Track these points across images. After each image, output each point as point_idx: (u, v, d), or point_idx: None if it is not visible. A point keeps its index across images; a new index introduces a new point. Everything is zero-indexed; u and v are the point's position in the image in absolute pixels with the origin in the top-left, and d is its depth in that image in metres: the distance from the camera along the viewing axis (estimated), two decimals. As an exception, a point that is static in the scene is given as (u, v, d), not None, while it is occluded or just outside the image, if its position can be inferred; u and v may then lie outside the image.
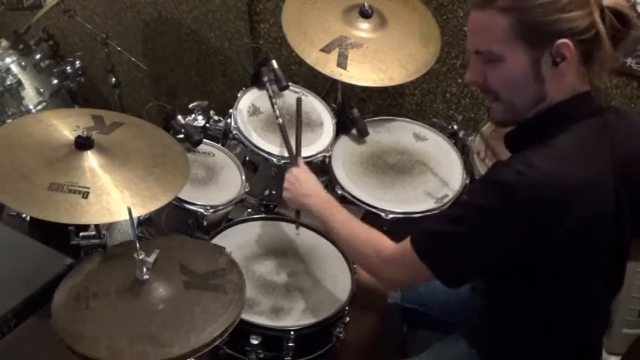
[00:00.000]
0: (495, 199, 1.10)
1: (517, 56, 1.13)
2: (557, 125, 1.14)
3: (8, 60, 2.52)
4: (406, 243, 1.24)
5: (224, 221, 1.89)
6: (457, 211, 1.20)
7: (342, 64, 2.02)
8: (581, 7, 1.09)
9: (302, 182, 1.63)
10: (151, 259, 1.34)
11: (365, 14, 2.10)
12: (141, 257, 1.31)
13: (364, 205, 1.86)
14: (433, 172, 2.01)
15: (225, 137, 2.09)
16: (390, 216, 1.83)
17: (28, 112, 2.54)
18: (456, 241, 1.17)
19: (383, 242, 1.35)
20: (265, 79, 2.05)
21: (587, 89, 1.16)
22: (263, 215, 1.92)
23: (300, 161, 1.76)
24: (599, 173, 1.12)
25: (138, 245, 1.31)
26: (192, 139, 1.92)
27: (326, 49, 2.04)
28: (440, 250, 1.19)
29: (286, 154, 1.90)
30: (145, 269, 1.32)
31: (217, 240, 1.74)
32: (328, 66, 2.02)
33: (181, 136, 1.91)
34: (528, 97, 1.16)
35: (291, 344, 1.52)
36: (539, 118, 1.17)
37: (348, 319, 1.64)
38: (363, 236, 1.41)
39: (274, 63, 2.10)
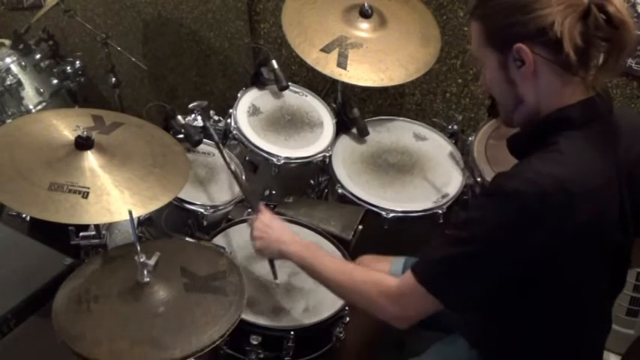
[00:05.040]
0: (505, 210, 1.08)
1: (490, 60, 1.18)
2: (560, 131, 1.12)
3: (8, 60, 2.52)
4: (409, 276, 1.17)
5: (224, 221, 1.89)
6: (461, 231, 1.14)
7: (342, 64, 2.02)
8: (538, 9, 1.07)
9: (274, 229, 1.49)
10: (152, 261, 1.33)
11: (365, 14, 2.10)
12: (142, 260, 1.31)
13: (365, 204, 1.87)
14: (433, 171, 2.01)
15: (225, 137, 2.09)
16: (391, 215, 1.84)
17: (28, 112, 2.53)
18: (468, 263, 1.12)
19: (383, 278, 1.25)
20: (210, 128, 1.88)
21: (589, 95, 1.14)
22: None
23: (262, 206, 1.59)
24: (605, 178, 1.12)
25: (139, 248, 1.31)
26: (192, 139, 1.92)
27: (326, 49, 2.04)
28: (449, 278, 1.15)
29: (284, 155, 1.92)
30: (145, 272, 1.32)
31: (217, 240, 1.74)
32: (328, 66, 2.02)
33: (181, 136, 1.91)
34: (508, 98, 1.19)
35: (291, 344, 1.52)
36: (540, 124, 1.16)
37: (348, 319, 1.64)
38: (359, 275, 1.30)
39: (274, 63, 2.11)
